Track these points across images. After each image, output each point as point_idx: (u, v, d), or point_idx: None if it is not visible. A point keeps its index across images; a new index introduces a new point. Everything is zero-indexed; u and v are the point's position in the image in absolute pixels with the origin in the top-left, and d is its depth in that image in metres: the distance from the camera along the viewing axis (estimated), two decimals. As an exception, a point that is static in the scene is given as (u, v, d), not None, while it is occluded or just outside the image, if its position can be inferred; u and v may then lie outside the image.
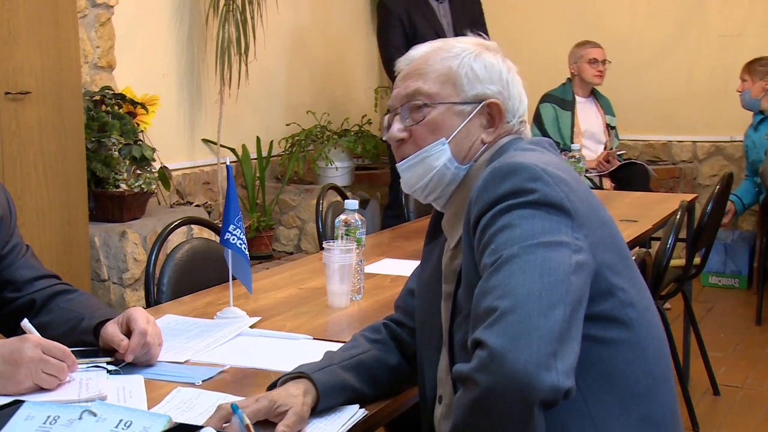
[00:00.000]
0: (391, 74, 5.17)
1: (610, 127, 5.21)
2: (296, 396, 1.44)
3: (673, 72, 5.94)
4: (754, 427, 3.49)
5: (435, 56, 1.52)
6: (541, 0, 6.26)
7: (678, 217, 3.14)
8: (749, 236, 5.58)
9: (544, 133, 4.95)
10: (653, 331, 1.39)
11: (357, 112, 6.14)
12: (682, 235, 3.64)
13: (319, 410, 1.46)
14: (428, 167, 1.51)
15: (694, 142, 5.97)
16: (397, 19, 4.99)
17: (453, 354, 1.45)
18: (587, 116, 5.15)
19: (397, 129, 1.53)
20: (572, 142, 4.86)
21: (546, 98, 5.13)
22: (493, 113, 1.51)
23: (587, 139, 5.10)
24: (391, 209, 5.13)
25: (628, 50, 5.96)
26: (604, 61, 5.11)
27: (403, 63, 1.56)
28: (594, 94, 5.24)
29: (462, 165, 1.50)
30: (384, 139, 1.60)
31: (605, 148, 5.12)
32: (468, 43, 1.54)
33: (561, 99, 5.11)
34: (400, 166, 1.54)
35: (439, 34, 4.97)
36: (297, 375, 1.50)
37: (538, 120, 5.09)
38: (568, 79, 5.19)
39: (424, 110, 1.50)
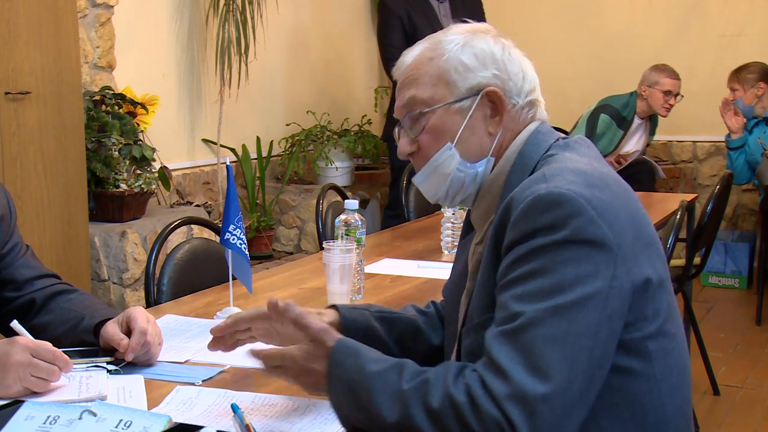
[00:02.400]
0: (391, 74, 5.16)
1: (647, 145, 5.17)
2: (314, 313, 1.51)
3: (673, 72, 5.94)
4: (754, 427, 3.49)
5: (423, 58, 1.44)
6: (542, 0, 6.26)
7: (678, 217, 3.14)
8: (749, 236, 5.58)
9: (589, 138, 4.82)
10: (673, 361, 1.32)
11: (357, 112, 6.14)
12: (682, 235, 3.64)
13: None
14: (441, 176, 1.44)
15: (694, 142, 5.96)
16: (397, 18, 4.98)
17: (460, 356, 1.42)
18: (633, 138, 5.08)
19: (404, 143, 1.47)
20: (605, 156, 4.78)
21: (607, 109, 4.97)
22: (494, 100, 1.41)
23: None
24: (391, 209, 5.12)
25: (628, 50, 5.96)
26: (677, 95, 4.93)
27: (397, 73, 1.48)
28: (650, 115, 5.10)
29: (476, 164, 1.43)
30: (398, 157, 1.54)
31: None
32: (455, 33, 1.45)
33: (620, 116, 4.96)
34: (416, 180, 1.48)
35: (439, 34, 4.96)
36: (328, 306, 1.59)
37: (591, 125, 4.95)
38: (634, 92, 5.00)
39: (424, 118, 1.43)
